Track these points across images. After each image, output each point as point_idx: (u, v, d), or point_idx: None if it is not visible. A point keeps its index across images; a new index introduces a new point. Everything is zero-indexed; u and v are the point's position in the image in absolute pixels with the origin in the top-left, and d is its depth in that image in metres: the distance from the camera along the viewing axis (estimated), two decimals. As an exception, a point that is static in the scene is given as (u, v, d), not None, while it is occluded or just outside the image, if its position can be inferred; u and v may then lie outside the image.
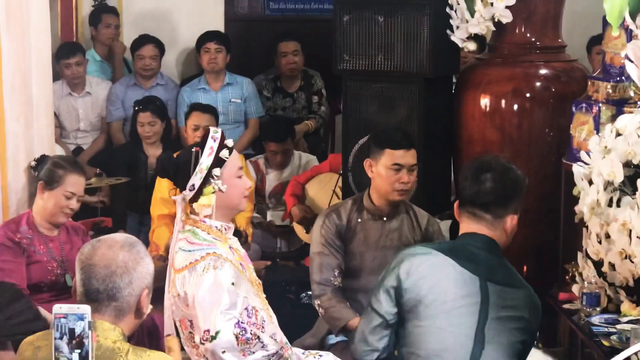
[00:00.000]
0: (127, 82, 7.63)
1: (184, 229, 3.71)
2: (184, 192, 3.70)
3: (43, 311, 4.49)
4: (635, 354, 2.74)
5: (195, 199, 3.69)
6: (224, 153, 3.70)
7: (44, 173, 4.81)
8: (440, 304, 3.32)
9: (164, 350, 4.48)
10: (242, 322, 3.56)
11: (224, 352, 3.53)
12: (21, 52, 4.99)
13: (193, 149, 3.70)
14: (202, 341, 3.55)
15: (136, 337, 3.47)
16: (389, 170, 4.64)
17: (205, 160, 3.67)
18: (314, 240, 4.78)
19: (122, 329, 2.88)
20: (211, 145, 3.69)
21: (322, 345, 4.69)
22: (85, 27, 7.84)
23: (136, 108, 6.97)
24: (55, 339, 2.47)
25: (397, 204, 4.73)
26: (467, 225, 3.46)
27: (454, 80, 5.99)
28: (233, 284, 3.58)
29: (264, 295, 3.84)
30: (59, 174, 4.79)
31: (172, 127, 7.23)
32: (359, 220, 4.76)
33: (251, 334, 3.56)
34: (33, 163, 4.98)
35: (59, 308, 2.48)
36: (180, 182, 3.72)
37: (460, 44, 5.54)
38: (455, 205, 3.52)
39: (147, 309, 2.95)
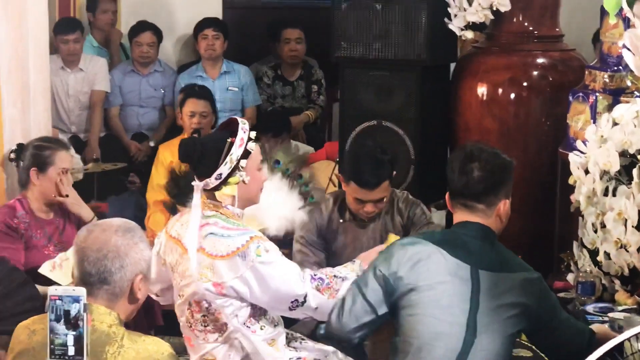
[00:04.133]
0: (125, 69, 7.62)
1: (207, 216, 3.70)
2: (207, 179, 3.67)
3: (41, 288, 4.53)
4: (629, 340, 2.74)
5: (217, 187, 3.69)
6: (251, 145, 3.71)
7: (31, 159, 4.79)
8: (431, 292, 3.30)
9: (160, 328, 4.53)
10: (316, 275, 3.67)
11: (316, 308, 3.63)
12: (18, 37, 4.99)
13: (228, 139, 3.69)
14: (292, 309, 3.65)
15: (134, 319, 3.47)
16: (354, 200, 4.61)
17: (236, 151, 3.66)
18: (295, 238, 4.77)
19: (117, 314, 2.88)
20: (242, 136, 3.69)
21: (312, 336, 4.66)
22: (82, 13, 7.82)
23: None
24: (50, 320, 2.47)
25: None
26: (461, 216, 3.45)
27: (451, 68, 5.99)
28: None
29: None
30: (47, 154, 4.78)
31: None
32: (341, 221, 4.74)
33: (327, 277, 3.66)
34: (12, 155, 4.93)
35: (55, 290, 2.48)
36: (204, 169, 3.69)
37: (457, 33, 5.54)
38: (447, 196, 3.50)
39: (142, 295, 2.94)
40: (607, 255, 4.25)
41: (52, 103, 7.01)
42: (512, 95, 5.48)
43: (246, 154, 3.69)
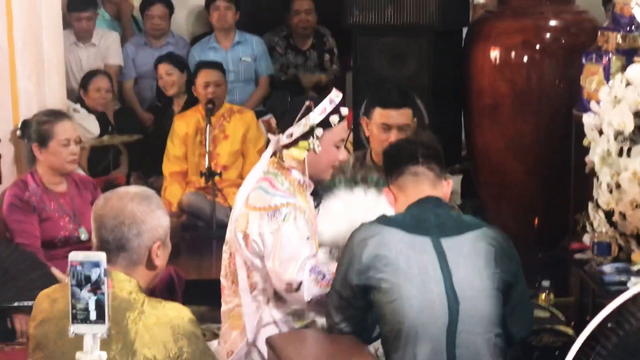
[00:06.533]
0: (138, 42, 7.65)
1: (268, 171, 3.75)
2: (281, 135, 3.73)
3: (57, 273, 4.58)
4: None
5: (287, 146, 3.73)
6: (334, 118, 3.73)
7: (33, 135, 4.82)
8: (401, 275, 3.28)
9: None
10: (316, 267, 3.61)
11: (310, 300, 3.61)
12: (32, 9, 5.00)
13: (307, 101, 3.72)
14: (286, 292, 3.63)
15: (158, 291, 3.50)
16: (379, 129, 4.58)
17: (314, 116, 3.70)
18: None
19: (137, 281, 2.90)
20: (325, 106, 3.72)
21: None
22: (94, -14, 7.82)
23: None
24: (71, 286, 2.50)
25: None
26: (410, 192, 3.45)
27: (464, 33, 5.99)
28: (308, 238, 3.64)
29: None
30: (46, 128, 4.80)
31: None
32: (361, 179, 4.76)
33: (329, 272, 3.61)
34: (19, 132, 4.96)
35: (75, 255, 2.51)
36: (282, 125, 3.76)
37: (469, -3, 5.55)
38: (387, 191, 3.53)
39: (160, 262, 2.96)
40: (623, 215, 4.25)
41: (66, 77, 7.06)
42: (525, 59, 5.47)
43: (325, 124, 3.71)
